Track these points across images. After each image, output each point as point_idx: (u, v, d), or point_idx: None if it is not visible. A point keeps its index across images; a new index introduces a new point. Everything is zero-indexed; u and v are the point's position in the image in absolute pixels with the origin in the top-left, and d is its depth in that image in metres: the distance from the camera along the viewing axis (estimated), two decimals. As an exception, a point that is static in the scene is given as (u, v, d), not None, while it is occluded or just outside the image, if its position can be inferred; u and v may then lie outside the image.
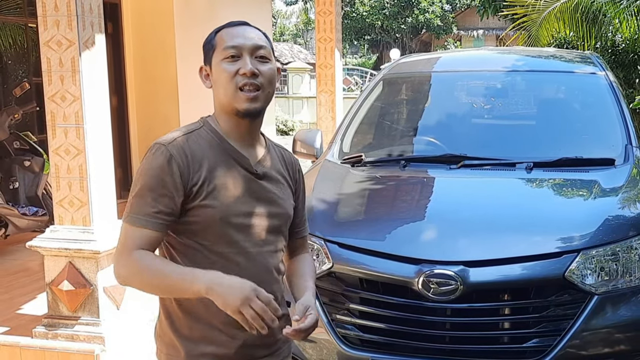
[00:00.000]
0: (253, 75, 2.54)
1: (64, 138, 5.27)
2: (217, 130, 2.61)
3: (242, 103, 2.54)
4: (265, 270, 2.63)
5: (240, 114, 2.57)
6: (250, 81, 2.53)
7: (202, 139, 2.57)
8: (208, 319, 2.54)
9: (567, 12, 12.15)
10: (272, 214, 2.66)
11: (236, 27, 2.64)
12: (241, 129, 2.62)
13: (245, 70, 2.53)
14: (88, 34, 5.25)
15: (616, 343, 3.99)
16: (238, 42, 2.57)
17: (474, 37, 46.70)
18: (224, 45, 2.58)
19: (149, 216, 2.45)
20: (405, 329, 3.97)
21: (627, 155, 5.05)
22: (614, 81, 5.79)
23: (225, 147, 2.59)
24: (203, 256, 2.53)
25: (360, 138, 6.07)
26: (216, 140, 2.59)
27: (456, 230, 4.30)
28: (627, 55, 11.20)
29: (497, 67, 6.47)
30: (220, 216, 2.51)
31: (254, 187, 2.61)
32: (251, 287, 2.32)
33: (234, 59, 2.56)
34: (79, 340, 5.41)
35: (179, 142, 2.52)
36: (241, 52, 2.56)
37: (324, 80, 11.78)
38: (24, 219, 7.76)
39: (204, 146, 2.56)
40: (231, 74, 2.54)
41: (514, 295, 3.95)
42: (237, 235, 2.55)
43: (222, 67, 2.56)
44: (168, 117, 10.95)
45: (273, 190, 2.68)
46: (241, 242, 2.56)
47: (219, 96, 2.60)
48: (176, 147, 2.50)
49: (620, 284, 3.99)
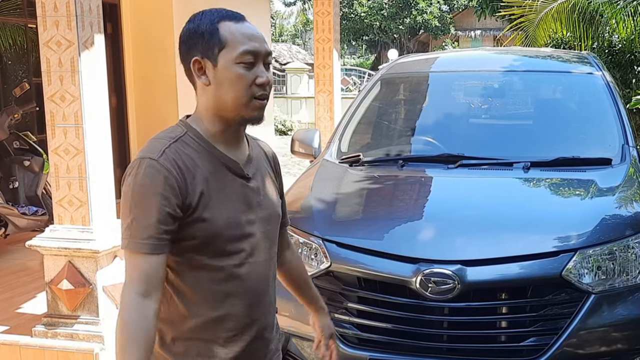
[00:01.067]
0: (270, 85, 2.43)
1: (63, 138, 5.28)
2: (202, 136, 2.43)
3: (253, 111, 2.40)
4: (264, 278, 2.54)
5: (244, 121, 2.44)
6: (266, 93, 2.41)
7: (188, 146, 2.39)
8: (208, 336, 2.43)
9: (564, 12, 12.17)
10: (264, 218, 2.54)
11: (244, 24, 2.45)
12: (230, 133, 2.47)
13: (264, 80, 2.39)
14: (87, 34, 5.26)
15: (613, 342, 4.01)
16: (255, 48, 2.39)
17: (472, 37, 46.64)
18: (242, 47, 2.37)
19: (151, 239, 2.26)
20: (403, 328, 3.98)
21: (623, 155, 5.06)
22: (610, 81, 5.80)
23: (214, 153, 2.42)
24: (201, 273, 2.38)
25: (358, 138, 6.08)
26: (203, 146, 2.41)
27: (454, 229, 4.32)
28: (624, 55, 11.21)
29: (495, 67, 6.49)
30: (219, 228, 2.36)
31: (247, 192, 2.48)
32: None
33: (250, 65, 2.38)
34: (78, 339, 5.42)
35: (168, 155, 2.32)
36: (257, 58, 2.40)
37: (322, 80, 11.77)
38: (24, 219, 7.78)
39: (192, 155, 2.37)
40: (249, 81, 2.37)
41: (512, 294, 3.96)
42: (235, 246, 2.41)
43: (238, 72, 2.37)
44: (167, 117, 10.94)
45: (263, 192, 2.56)
46: (240, 254, 2.43)
47: (220, 98, 2.40)
48: (168, 160, 2.30)
49: (617, 283, 4.00)
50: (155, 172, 2.27)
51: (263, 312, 2.54)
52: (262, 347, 2.56)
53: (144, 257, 2.26)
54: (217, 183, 2.40)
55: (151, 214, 2.26)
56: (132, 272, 2.27)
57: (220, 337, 2.43)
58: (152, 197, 2.26)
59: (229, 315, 2.42)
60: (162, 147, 2.34)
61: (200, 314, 2.40)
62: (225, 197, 2.40)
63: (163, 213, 2.26)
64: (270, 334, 2.61)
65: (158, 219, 2.25)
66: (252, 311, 2.48)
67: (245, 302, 2.45)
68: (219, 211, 2.36)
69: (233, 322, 2.44)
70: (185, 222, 2.31)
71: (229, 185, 2.43)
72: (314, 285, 3.04)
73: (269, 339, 2.60)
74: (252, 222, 2.47)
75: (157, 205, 2.25)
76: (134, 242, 2.27)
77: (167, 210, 2.26)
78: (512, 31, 13.94)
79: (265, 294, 2.54)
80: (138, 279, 2.25)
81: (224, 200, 2.39)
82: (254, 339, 2.51)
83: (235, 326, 2.45)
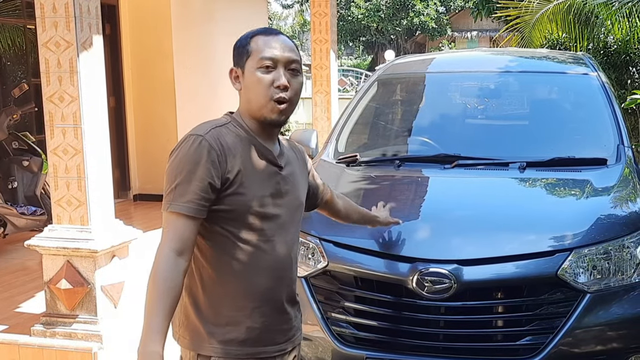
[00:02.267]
0: (286, 88, 2.67)
1: (62, 138, 5.29)
2: (244, 126, 2.72)
3: (272, 114, 2.68)
4: (287, 256, 2.79)
5: (267, 122, 2.70)
6: (283, 95, 2.66)
7: (231, 132, 2.68)
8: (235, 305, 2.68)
9: (559, 13, 12.19)
10: (292, 204, 2.82)
11: (273, 37, 2.72)
12: (264, 132, 2.75)
13: (279, 83, 2.65)
14: (86, 35, 5.27)
15: (608, 341, 4.01)
16: (275, 54, 2.67)
17: (468, 38, 46.64)
18: (261, 54, 2.67)
19: (191, 202, 2.53)
20: (399, 327, 3.99)
21: (619, 155, 5.07)
22: (606, 82, 5.81)
23: (253, 141, 2.71)
24: (231, 243, 2.65)
25: (355, 138, 6.07)
26: (244, 134, 2.70)
27: (450, 229, 4.32)
28: (619, 56, 11.25)
29: (491, 68, 6.49)
30: (251, 205, 2.63)
31: (278, 179, 2.76)
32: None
33: (268, 69, 2.66)
34: (76, 338, 5.43)
35: (213, 133, 2.61)
36: (277, 63, 2.67)
37: (319, 81, 11.81)
38: (23, 219, 7.82)
39: (234, 139, 2.66)
40: (267, 84, 2.65)
41: (507, 294, 3.97)
42: (264, 223, 2.68)
43: (257, 76, 2.67)
44: (165, 117, 10.99)
45: (292, 181, 2.84)
46: (267, 231, 2.69)
47: (248, 101, 2.72)
48: (212, 137, 2.59)
49: (613, 283, 4.01)
50: (201, 147, 2.56)
51: (286, 287, 2.82)
52: (285, 321, 2.83)
53: (181, 219, 2.54)
54: (253, 166, 2.68)
55: (193, 181, 2.54)
56: (169, 231, 2.55)
57: (247, 307, 2.69)
58: (196, 167, 2.54)
59: (254, 286, 2.70)
60: (209, 127, 2.65)
61: (227, 282, 2.68)
62: (259, 179, 2.68)
63: (204, 182, 2.53)
64: (292, 310, 2.88)
65: (199, 187, 2.53)
66: (275, 284, 2.76)
67: (269, 276, 2.73)
68: (252, 189, 2.64)
69: (258, 294, 2.71)
70: (222, 194, 2.59)
71: (263, 170, 2.71)
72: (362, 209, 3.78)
73: (291, 315, 2.87)
74: (280, 205, 2.75)
75: (200, 174, 2.54)
76: (175, 205, 2.54)
77: (208, 180, 2.54)
78: (508, 32, 13.98)
79: (288, 270, 2.82)
80: (174, 238, 2.53)
81: (257, 182, 2.67)
82: (278, 313, 2.79)
83: (260, 297, 2.72)
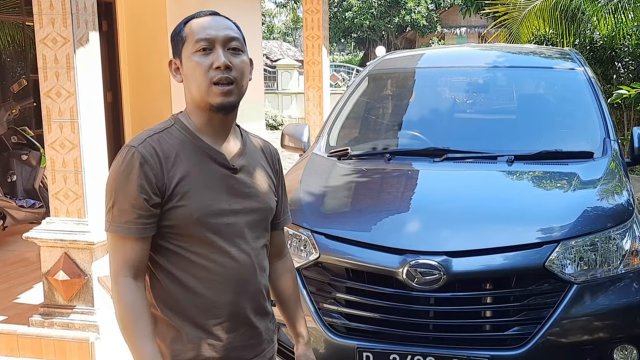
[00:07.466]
0: (227, 68, 2.41)
1: (59, 132, 5.32)
2: (188, 128, 2.49)
3: (216, 97, 2.41)
4: (249, 266, 2.52)
5: (213, 108, 2.44)
6: (225, 75, 2.40)
7: (173, 137, 2.45)
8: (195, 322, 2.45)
9: (546, 10, 12.28)
10: (251, 209, 2.54)
11: (206, 18, 2.49)
12: (214, 124, 2.50)
13: (219, 63, 2.39)
14: (82, 31, 5.30)
15: (595, 331, 4.07)
16: (210, 34, 2.42)
17: (457, 34, 46.68)
18: (195, 37, 2.43)
19: (131, 223, 2.35)
20: (390, 317, 4.05)
21: (605, 148, 5.12)
22: (592, 77, 5.86)
23: (199, 144, 2.47)
24: (184, 258, 2.43)
25: (347, 132, 6.13)
26: (188, 137, 2.46)
27: (439, 221, 4.38)
28: (605, 51, 11.36)
29: (479, 63, 6.54)
30: (196, 217, 2.39)
31: (231, 182, 2.50)
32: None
33: (205, 51, 2.42)
34: (74, 328, 5.47)
35: (149, 143, 2.39)
36: (213, 44, 2.42)
37: (311, 76, 11.84)
38: (22, 211, 7.87)
39: (175, 145, 2.43)
40: (204, 67, 2.40)
41: (496, 285, 4.02)
42: (214, 235, 2.43)
43: (194, 61, 2.42)
44: (161, 112, 10.96)
45: (252, 184, 2.57)
46: (219, 242, 2.44)
47: (191, 91, 2.47)
48: (147, 148, 2.37)
49: (599, 274, 4.07)
50: (133, 160, 2.35)
51: (251, 300, 2.54)
52: (254, 336, 2.57)
53: (127, 242, 2.37)
54: (200, 172, 2.43)
55: (127, 199, 2.34)
56: (118, 258, 2.40)
57: (209, 324, 2.46)
58: (128, 183, 2.34)
59: (214, 302, 2.45)
60: (146, 135, 2.43)
61: (187, 299, 2.44)
62: (207, 186, 2.43)
63: (139, 200, 2.33)
64: (261, 323, 2.61)
65: (134, 205, 2.34)
66: (238, 299, 2.49)
67: (230, 290, 2.47)
68: (198, 199, 2.40)
69: (219, 309, 2.46)
70: (164, 208, 2.38)
71: (212, 175, 2.46)
72: (300, 310, 2.96)
73: (260, 329, 2.60)
74: (236, 212, 2.49)
75: (132, 191, 2.34)
76: (115, 226, 2.37)
77: (142, 197, 2.33)
78: (496, 28, 14.09)
79: (253, 282, 2.54)
80: (125, 264, 2.38)
81: (205, 189, 2.43)
82: (244, 327, 2.53)
83: (223, 313, 2.47)
